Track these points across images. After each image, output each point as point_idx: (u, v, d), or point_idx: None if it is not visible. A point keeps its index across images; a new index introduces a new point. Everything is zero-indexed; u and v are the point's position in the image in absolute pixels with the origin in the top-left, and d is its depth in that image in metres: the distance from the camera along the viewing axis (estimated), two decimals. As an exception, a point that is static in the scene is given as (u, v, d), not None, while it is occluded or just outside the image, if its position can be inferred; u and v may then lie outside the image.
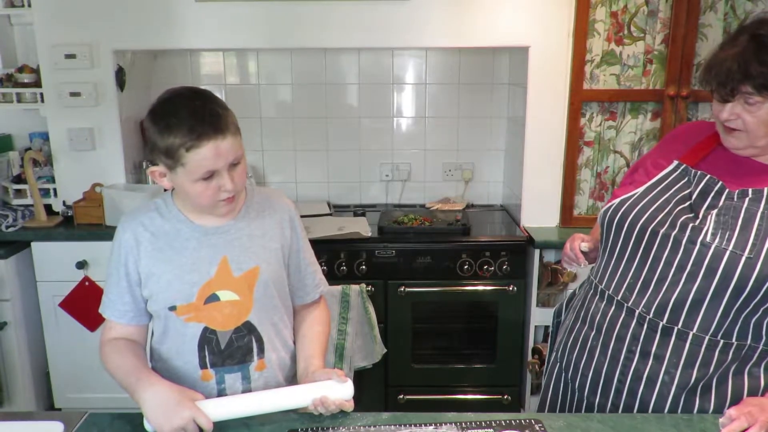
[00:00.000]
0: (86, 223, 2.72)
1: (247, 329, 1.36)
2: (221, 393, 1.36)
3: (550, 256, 2.72)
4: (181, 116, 1.21)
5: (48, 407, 2.83)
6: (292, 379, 1.47)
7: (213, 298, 1.33)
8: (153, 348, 1.42)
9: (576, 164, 2.82)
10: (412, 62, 3.20)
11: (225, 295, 1.33)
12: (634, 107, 2.76)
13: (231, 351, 1.35)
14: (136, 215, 1.37)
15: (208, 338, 1.34)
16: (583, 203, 2.88)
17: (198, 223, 1.35)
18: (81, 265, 2.63)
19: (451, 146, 3.29)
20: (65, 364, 2.77)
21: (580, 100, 2.72)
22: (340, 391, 1.28)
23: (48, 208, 2.81)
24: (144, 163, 3.00)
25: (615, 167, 2.83)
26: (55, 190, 2.86)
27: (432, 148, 3.30)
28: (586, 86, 2.72)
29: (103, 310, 1.39)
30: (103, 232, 2.66)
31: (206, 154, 1.21)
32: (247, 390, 1.37)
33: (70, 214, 2.77)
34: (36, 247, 2.66)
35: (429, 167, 3.32)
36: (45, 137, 2.88)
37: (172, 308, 1.33)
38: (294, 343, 1.49)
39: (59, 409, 2.76)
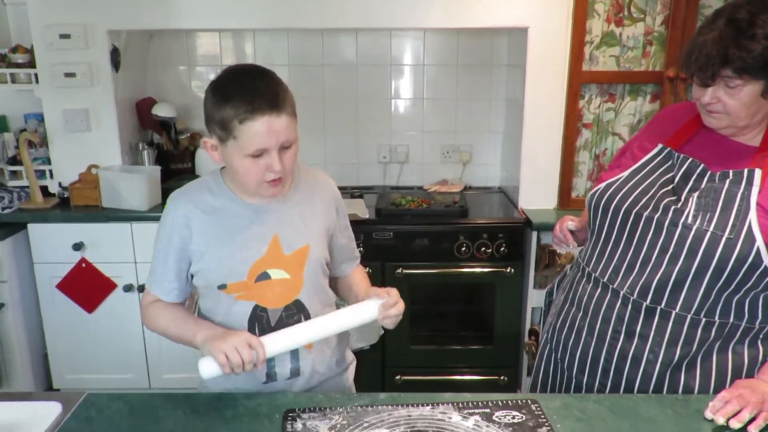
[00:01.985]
0: (82, 204, 2.71)
1: (297, 308, 1.36)
2: (271, 371, 1.37)
3: (547, 239, 2.72)
4: (240, 89, 1.22)
5: (46, 388, 2.84)
6: (339, 358, 1.49)
7: (264, 276, 1.33)
8: None
9: (574, 146, 2.81)
10: (410, 43, 3.17)
11: (276, 274, 1.34)
12: (634, 89, 2.74)
13: (281, 329, 1.34)
14: (186, 193, 1.37)
15: (258, 316, 1.34)
16: (581, 185, 2.88)
17: (248, 201, 1.35)
18: (78, 246, 2.63)
19: (449, 128, 3.28)
20: (63, 346, 2.77)
21: (579, 81, 2.70)
22: (370, 307, 1.31)
23: (44, 190, 2.80)
24: (140, 144, 2.98)
25: (613, 149, 2.82)
26: (50, 171, 2.84)
27: (430, 129, 3.28)
28: (585, 68, 2.70)
29: (150, 286, 1.40)
30: (100, 213, 2.66)
31: (259, 129, 1.20)
32: (296, 369, 1.38)
33: (66, 195, 2.75)
34: (32, 228, 2.65)
35: (427, 149, 3.31)
36: (40, 118, 2.86)
37: (222, 286, 1.33)
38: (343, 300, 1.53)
39: (57, 390, 2.78)
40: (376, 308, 1.30)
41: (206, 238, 1.33)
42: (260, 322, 1.34)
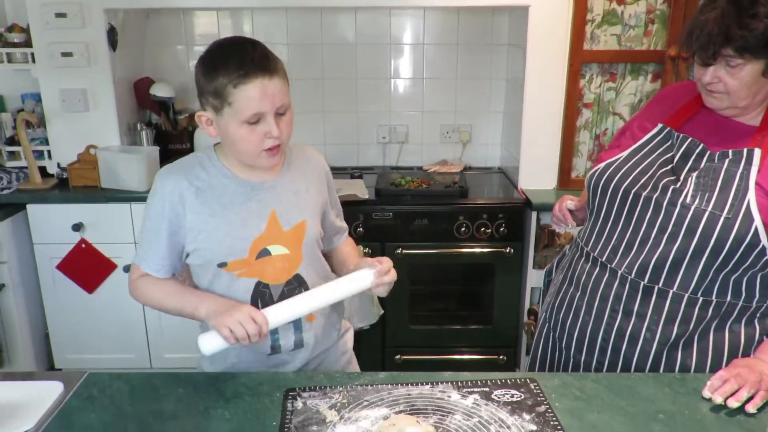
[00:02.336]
0: (81, 185, 2.71)
1: (298, 282, 1.38)
2: (275, 344, 1.38)
3: (547, 219, 2.72)
4: (230, 56, 1.22)
5: (48, 368, 2.86)
6: (338, 327, 1.52)
7: (264, 252, 1.34)
8: None
9: (575, 126, 2.79)
10: (410, 22, 3.14)
11: (276, 250, 1.35)
12: (635, 68, 2.72)
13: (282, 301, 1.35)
14: (178, 168, 1.36)
15: (261, 292, 1.35)
16: (581, 165, 2.87)
17: (243, 178, 1.34)
18: (77, 227, 2.63)
19: (449, 108, 3.26)
20: (64, 326, 2.78)
21: (580, 61, 2.68)
22: (364, 275, 1.32)
23: (42, 171, 2.80)
24: (138, 125, 2.97)
25: (614, 129, 2.81)
26: (49, 152, 2.83)
27: (430, 109, 3.26)
28: (586, 47, 2.68)
29: (140, 261, 1.39)
30: (99, 194, 2.65)
31: (253, 92, 1.20)
32: (299, 340, 1.40)
33: (65, 176, 2.75)
34: (32, 209, 2.65)
35: (426, 129, 3.29)
36: (37, 98, 2.84)
37: (222, 264, 1.33)
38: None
39: (59, 370, 2.79)
40: (371, 276, 1.31)
41: (202, 216, 1.32)
42: (263, 298, 1.35)
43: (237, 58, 1.21)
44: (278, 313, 1.27)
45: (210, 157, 1.36)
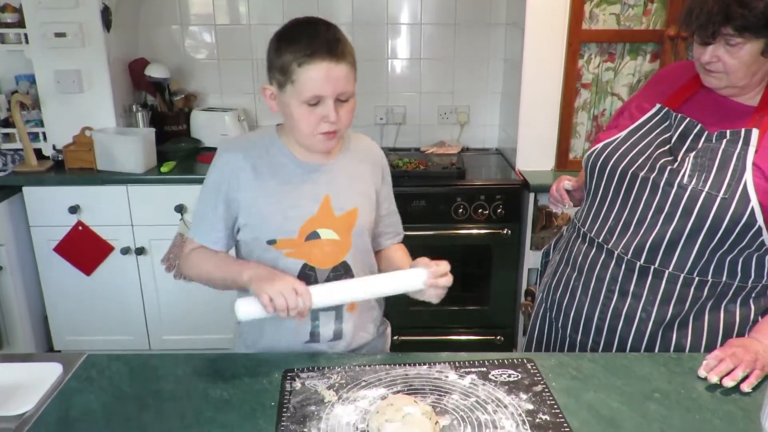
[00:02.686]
0: (77, 167, 2.69)
1: (344, 269, 1.36)
2: (314, 331, 1.36)
3: (544, 200, 2.72)
4: (301, 34, 1.22)
5: (47, 350, 2.87)
6: (379, 323, 1.50)
7: (314, 235, 1.32)
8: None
9: (573, 107, 2.78)
10: (407, 1, 3.10)
11: (325, 234, 1.33)
12: (633, 48, 2.70)
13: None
14: (238, 143, 1.36)
15: (307, 275, 1.33)
16: (578, 146, 2.86)
17: (301, 159, 1.33)
18: (74, 209, 2.62)
19: (447, 89, 3.24)
20: (63, 308, 2.79)
21: (578, 40, 2.66)
22: (417, 274, 1.27)
23: (38, 153, 2.78)
24: (134, 106, 2.95)
25: (612, 110, 2.80)
26: (44, 134, 2.81)
27: (427, 90, 3.24)
28: (585, 26, 2.66)
29: (195, 234, 1.38)
30: (95, 176, 2.64)
31: (316, 74, 1.19)
32: (338, 331, 1.37)
33: (61, 158, 2.73)
34: (28, 191, 2.64)
35: (424, 110, 3.27)
36: (31, 80, 2.82)
37: (272, 242, 1.32)
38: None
39: (58, 351, 2.80)
40: (424, 276, 1.26)
41: (256, 191, 1.31)
42: (308, 281, 1.30)
43: (307, 38, 1.21)
44: (322, 293, 1.23)
45: (271, 135, 1.36)
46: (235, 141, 1.37)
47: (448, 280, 1.29)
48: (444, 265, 1.29)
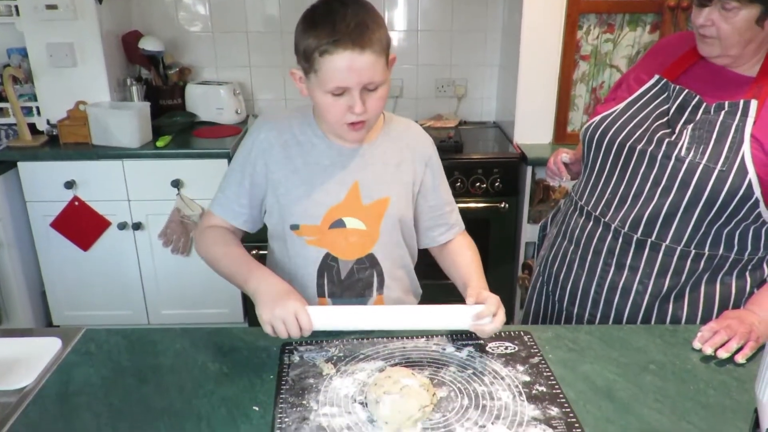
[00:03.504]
0: (72, 142, 2.67)
1: (370, 262, 1.30)
2: None
3: (542, 173, 2.71)
4: (326, 19, 1.12)
5: (46, 325, 2.88)
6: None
7: (339, 223, 1.26)
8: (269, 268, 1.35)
9: (571, 79, 2.76)
10: (404, -28, 3.06)
11: (351, 223, 1.27)
12: (633, 19, 2.67)
13: (351, 282, 1.30)
14: (273, 119, 1.31)
15: (329, 265, 1.28)
16: (577, 119, 2.85)
17: (335, 141, 1.27)
18: (70, 185, 2.61)
19: (444, 61, 3.21)
20: (61, 283, 2.79)
21: (577, 11, 2.63)
22: (459, 316, 1.15)
23: (32, 128, 2.75)
24: (128, 80, 2.92)
25: (610, 82, 2.77)
26: (37, 108, 2.79)
27: (424, 63, 3.21)
28: (584, -4, 2.63)
29: (216, 207, 1.32)
30: (91, 151, 2.62)
31: (338, 64, 1.11)
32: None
33: (55, 133, 2.71)
34: (23, 167, 2.62)
35: (421, 83, 3.25)
36: (24, 53, 2.78)
37: (295, 227, 1.27)
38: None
39: (57, 327, 2.82)
40: (468, 319, 1.15)
41: (284, 171, 1.26)
42: (329, 272, 1.29)
43: (330, 24, 1.11)
44: (329, 318, 1.15)
45: (305, 114, 1.30)
46: (271, 116, 1.31)
47: (496, 324, 1.16)
48: (491, 305, 1.17)
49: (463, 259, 1.38)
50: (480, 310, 1.16)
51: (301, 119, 1.29)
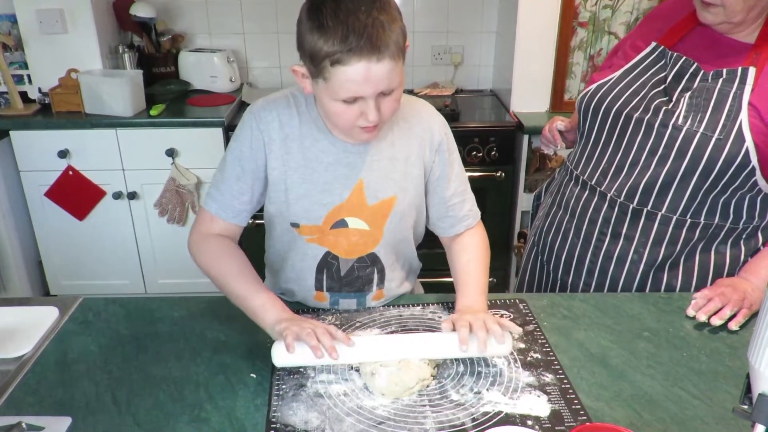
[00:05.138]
0: (65, 110, 2.64)
1: (371, 260, 1.25)
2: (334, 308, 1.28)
3: (538, 142, 2.70)
4: (337, 23, 0.98)
5: (43, 295, 2.89)
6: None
7: (341, 224, 1.20)
8: (268, 258, 1.34)
9: (569, 46, 2.73)
10: (400, -65, 3.00)
11: (354, 223, 1.20)
12: (633, -16, 2.64)
13: (351, 279, 1.26)
14: (273, 107, 1.17)
15: (329, 263, 1.24)
16: (574, 87, 2.82)
17: (339, 136, 1.17)
18: (63, 154, 2.59)
19: (441, 28, 3.17)
20: (57, 253, 2.79)
21: (576, -23, 2.59)
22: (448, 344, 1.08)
23: (23, 96, 2.72)
24: (120, 47, 2.87)
25: (608, 49, 2.74)
26: (29, 76, 2.74)
27: (421, 30, 3.17)
28: (583, -39, 2.59)
29: (211, 206, 1.20)
30: (84, 120, 2.59)
31: (353, 75, 0.99)
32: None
33: (47, 101, 2.68)
34: (15, 136, 2.59)
35: (417, 51, 3.20)
36: (13, 20, 2.72)
37: (295, 225, 1.20)
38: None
39: (54, 296, 2.83)
40: (455, 348, 1.07)
41: (284, 168, 1.17)
42: (329, 269, 1.25)
43: (344, 28, 0.97)
44: (355, 354, 1.06)
45: (307, 102, 1.17)
46: (270, 104, 1.17)
47: (505, 349, 1.07)
48: (466, 327, 1.07)
49: (460, 265, 1.30)
50: (461, 336, 1.06)
51: (304, 109, 1.18)
